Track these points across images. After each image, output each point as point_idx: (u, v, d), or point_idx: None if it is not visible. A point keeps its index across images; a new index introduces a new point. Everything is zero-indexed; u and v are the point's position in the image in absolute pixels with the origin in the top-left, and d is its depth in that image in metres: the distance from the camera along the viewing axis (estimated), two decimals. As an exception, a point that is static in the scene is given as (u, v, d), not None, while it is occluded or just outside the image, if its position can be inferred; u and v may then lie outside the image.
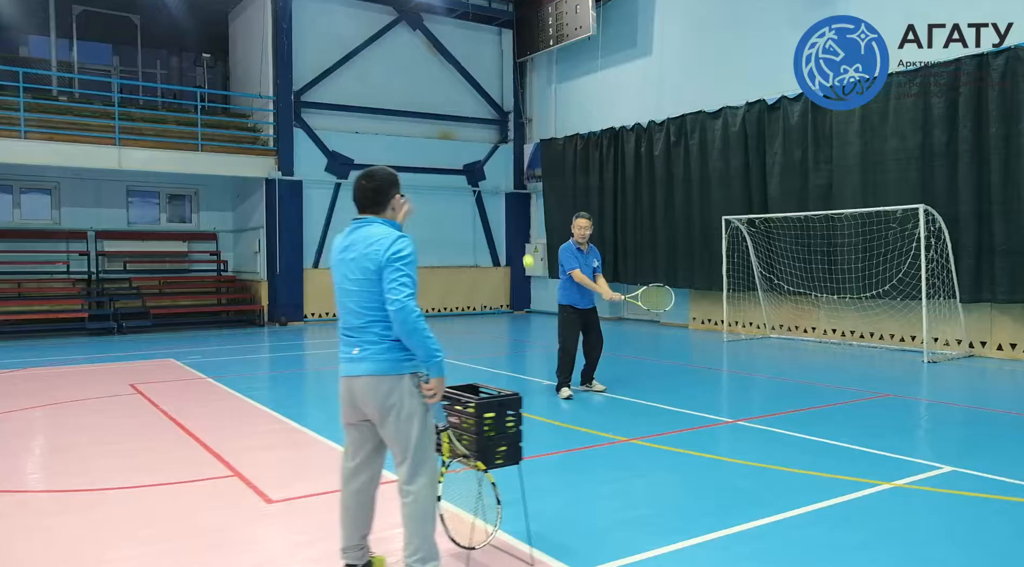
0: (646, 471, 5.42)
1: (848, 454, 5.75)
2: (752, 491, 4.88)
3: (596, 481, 5.17)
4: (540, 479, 5.19)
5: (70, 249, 16.28)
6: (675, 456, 5.77)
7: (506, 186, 19.45)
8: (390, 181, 3.51)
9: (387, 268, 3.27)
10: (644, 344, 13.19)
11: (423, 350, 3.23)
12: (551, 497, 4.76)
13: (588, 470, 5.47)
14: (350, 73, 17.37)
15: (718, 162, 13.69)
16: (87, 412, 7.36)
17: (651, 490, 4.97)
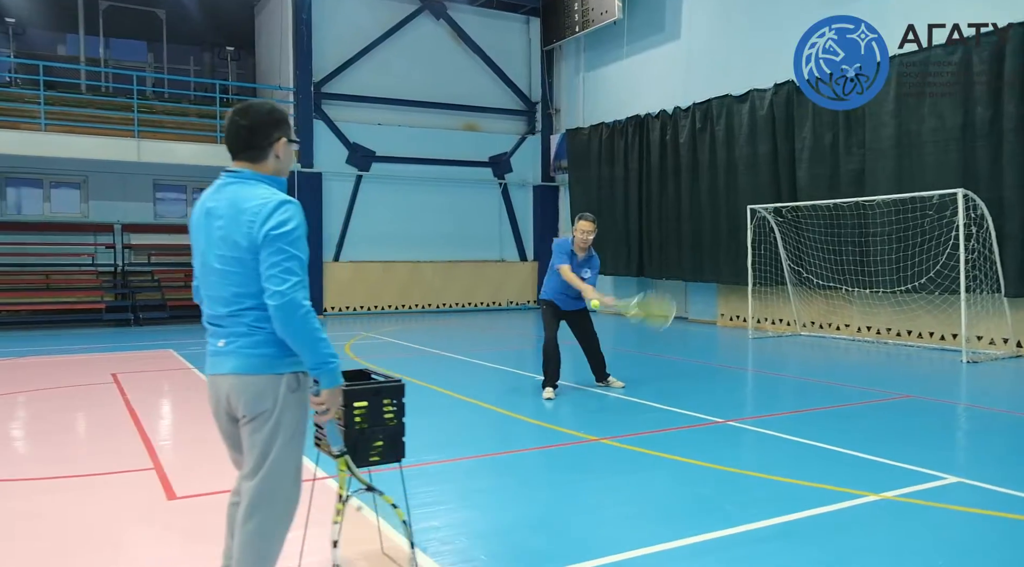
0: (601, 475, 4.86)
1: (842, 460, 5.07)
2: (714, 500, 4.28)
3: (536, 486, 4.64)
4: (477, 481, 4.69)
5: (97, 242, 16.44)
6: (644, 458, 5.19)
7: (533, 178, 18.93)
8: (272, 119, 2.67)
9: (266, 248, 2.49)
10: (665, 341, 12.51)
11: (312, 355, 2.52)
12: (475, 501, 4.26)
13: (534, 472, 4.94)
14: (372, 64, 17.10)
15: (745, 148, 12.91)
16: (49, 400, 7.15)
17: (593, 497, 4.40)
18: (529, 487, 4.58)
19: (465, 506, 4.17)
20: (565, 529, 3.85)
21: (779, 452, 5.37)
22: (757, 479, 4.66)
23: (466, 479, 4.73)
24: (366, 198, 17.01)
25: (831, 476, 4.67)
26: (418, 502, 4.23)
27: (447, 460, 5.15)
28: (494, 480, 4.73)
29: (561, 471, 4.98)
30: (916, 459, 5.02)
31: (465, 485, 4.59)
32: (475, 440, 5.79)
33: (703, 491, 4.46)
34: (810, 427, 6.08)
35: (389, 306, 17.25)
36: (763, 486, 4.53)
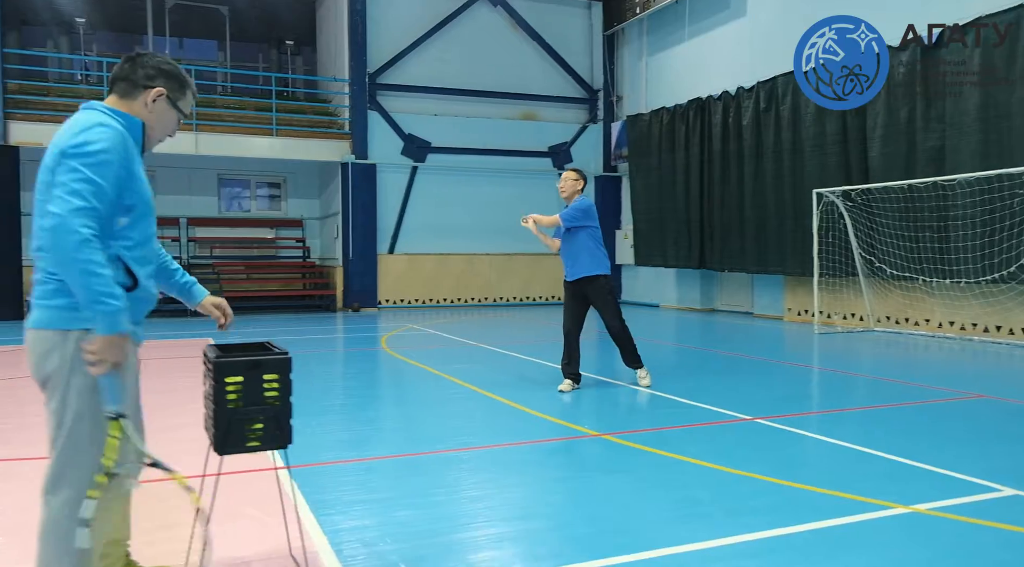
0: (585, 473, 4.29)
1: (876, 465, 4.33)
2: (703, 505, 3.66)
3: (508, 484, 4.11)
4: (444, 476, 4.21)
5: (163, 235, 16.84)
6: (641, 457, 4.58)
7: (595, 168, 18.27)
8: (163, 71, 2.48)
9: (59, 167, 2.20)
10: (719, 336, 11.70)
11: (83, 292, 2.16)
12: (431, 499, 3.77)
13: (512, 468, 4.41)
14: (428, 54, 16.86)
15: (812, 128, 11.92)
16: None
17: (562, 498, 3.84)
18: (499, 485, 4.06)
19: (417, 504, 3.69)
20: (507, 535, 3.32)
21: (803, 454, 4.66)
22: (765, 483, 3.99)
23: (436, 474, 4.26)
24: (421, 190, 16.78)
25: (855, 483, 3.94)
26: (366, 498, 3.79)
27: (426, 452, 4.70)
28: (464, 475, 4.23)
29: (539, 467, 4.44)
30: (970, 467, 4.22)
31: (431, 480, 4.11)
32: (468, 432, 5.31)
33: (695, 494, 3.83)
34: (851, 427, 5.31)
35: (444, 299, 16.97)
36: (767, 492, 3.86)
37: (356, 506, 3.64)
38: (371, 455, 4.70)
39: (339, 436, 5.19)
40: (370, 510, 3.58)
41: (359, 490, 3.93)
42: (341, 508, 3.62)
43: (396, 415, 6.18)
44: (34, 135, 13.86)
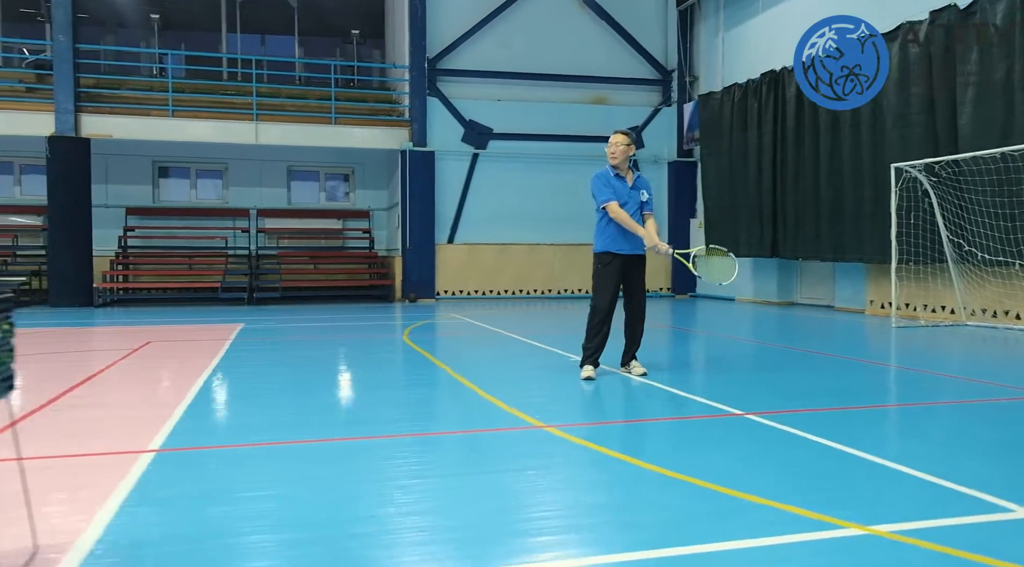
0: (497, 467, 3.59)
1: (864, 472, 3.41)
2: (613, 514, 2.90)
3: (388, 476, 3.47)
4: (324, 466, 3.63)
5: (236, 226, 17.19)
6: (588, 455, 3.84)
7: (668, 154, 17.21)
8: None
9: None
10: (778, 330, 10.56)
11: None
12: (283, 489, 3.20)
13: (409, 461, 3.77)
14: (490, 37, 16.35)
15: (893, 95, 10.55)
16: (54, 359, 7.02)
17: (445, 495, 3.17)
18: (378, 479, 3.44)
19: (238, 500, 3.13)
20: (270, 545, 2.69)
21: (780, 456, 3.76)
22: (713, 493, 3.17)
23: (325, 463, 3.69)
24: (482, 177, 16.29)
25: (829, 496, 3.06)
26: (190, 491, 3.26)
27: (319, 440, 4.14)
28: (319, 468, 3.63)
29: (449, 462, 3.77)
30: (989, 482, 3.23)
31: (285, 471, 3.54)
32: (397, 420, 4.71)
33: (607, 499, 3.07)
34: (859, 428, 4.34)
35: (505, 291, 16.42)
36: (711, 504, 3.05)
37: (176, 501, 3.09)
38: (256, 441, 4.16)
39: (246, 421, 4.69)
40: (184, 506, 3.02)
41: (197, 481, 3.39)
42: (156, 503, 3.10)
43: (322, 401, 5.63)
44: (105, 127, 14.36)
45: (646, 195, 6.09)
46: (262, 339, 8.99)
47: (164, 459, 3.65)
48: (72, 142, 14.02)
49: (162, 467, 3.53)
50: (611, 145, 6.04)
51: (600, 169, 6.14)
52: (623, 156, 5.98)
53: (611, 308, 6.01)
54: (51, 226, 14.07)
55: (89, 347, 8.05)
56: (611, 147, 6.04)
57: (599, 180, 5.99)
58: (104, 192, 16.33)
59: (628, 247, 5.97)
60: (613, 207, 5.90)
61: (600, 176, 6.02)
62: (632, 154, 6.08)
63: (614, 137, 6.07)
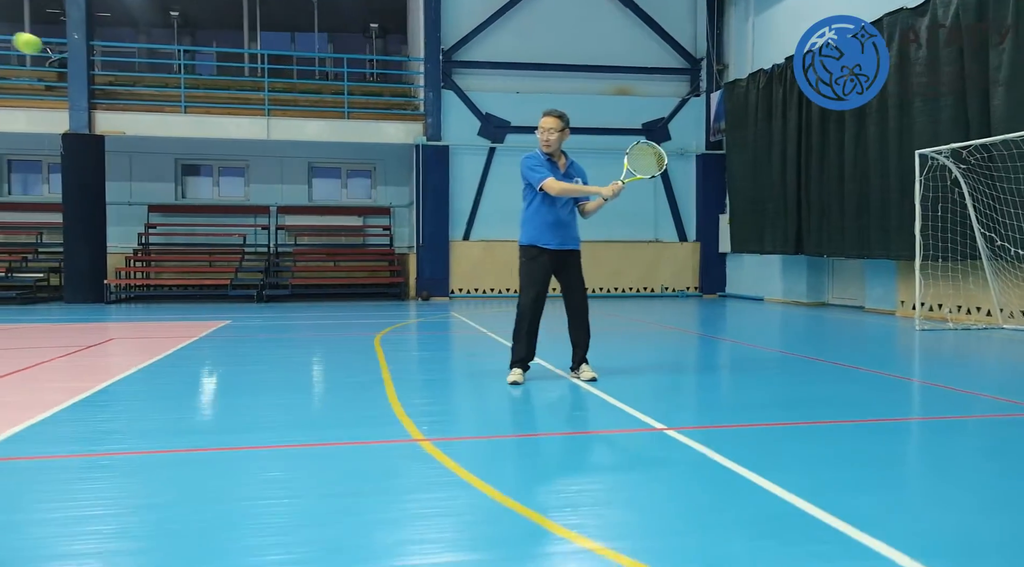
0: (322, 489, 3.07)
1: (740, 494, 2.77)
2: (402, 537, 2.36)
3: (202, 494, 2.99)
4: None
5: (255, 223, 17.13)
6: (433, 474, 3.29)
7: (696, 146, 16.37)
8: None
9: None
10: (798, 332, 9.74)
11: None
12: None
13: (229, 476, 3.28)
14: (509, 27, 15.82)
15: (922, 76, 9.59)
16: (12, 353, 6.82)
17: (223, 514, 2.67)
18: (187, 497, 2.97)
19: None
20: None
21: (648, 486, 3.14)
22: (532, 527, 2.60)
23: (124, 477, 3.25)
24: (500, 172, 15.77)
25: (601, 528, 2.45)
26: None
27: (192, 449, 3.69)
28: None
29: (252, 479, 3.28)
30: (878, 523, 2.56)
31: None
32: (266, 428, 4.24)
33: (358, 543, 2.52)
34: (786, 447, 3.66)
35: (523, 289, 15.83)
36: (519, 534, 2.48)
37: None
38: (92, 451, 3.74)
39: (108, 426, 4.29)
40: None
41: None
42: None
43: (217, 405, 5.20)
44: (118, 124, 14.42)
45: (579, 182, 5.48)
46: (232, 337, 8.69)
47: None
48: (86, 139, 14.12)
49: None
50: (543, 130, 5.34)
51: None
52: (558, 144, 5.36)
53: (536, 307, 5.45)
54: (66, 223, 14.20)
55: (41, 344, 7.87)
56: (543, 133, 5.34)
57: (532, 160, 5.37)
58: (128, 190, 16.47)
59: (556, 242, 5.39)
60: (550, 183, 5.29)
61: (532, 157, 5.40)
62: (566, 139, 5.44)
63: (545, 120, 5.37)
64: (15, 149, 16.03)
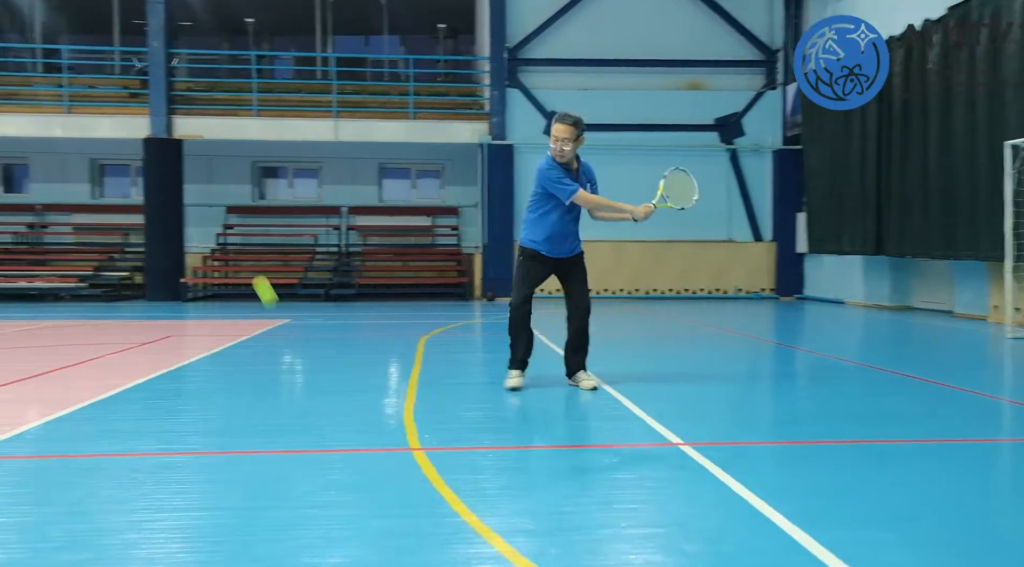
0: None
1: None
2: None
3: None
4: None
5: (326, 223, 17.46)
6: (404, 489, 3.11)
7: (772, 142, 15.64)
8: None
9: None
10: (871, 338, 9.10)
11: None
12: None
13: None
14: (575, 23, 15.52)
15: (1016, 59, 8.77)
16: (48, 351, 7.08)
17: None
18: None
19: None
20: None
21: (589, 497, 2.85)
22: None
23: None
24: (565, 171, 15.48)
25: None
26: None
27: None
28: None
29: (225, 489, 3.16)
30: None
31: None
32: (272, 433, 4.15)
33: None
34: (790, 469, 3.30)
35: (589, 290, 15.49)
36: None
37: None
38: (89, 452, 3.73)
39: (115, 426, 4.29)
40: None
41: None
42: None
43: (228, 407, 5.12)
44: (196, 128, 14.94)
45: (590, 189, 5.24)
46: (282, 337, 8.78)
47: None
48: (165, 143, 14.68)
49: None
50: (556, 139, 4.97)
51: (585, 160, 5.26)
52: (573, 153, 5.06)
53: (525, 306, 5.21)
54: (148, 224, 14.80)
55: (102, 340, 8.14)
56: (557, 142, 4.97)
57: (553, 172, 5.05)
58: (207, 192, 17.05)
59: (559, 251, 5.16)
60: (583, 195, 5.06)
61: (551, 168, 5.06)
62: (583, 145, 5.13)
63: (557, 127, 4.98)
64: (106, 154, 16.85)
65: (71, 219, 16.97)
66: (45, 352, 7.20)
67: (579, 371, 5.29)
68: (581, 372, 5.29)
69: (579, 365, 5.30)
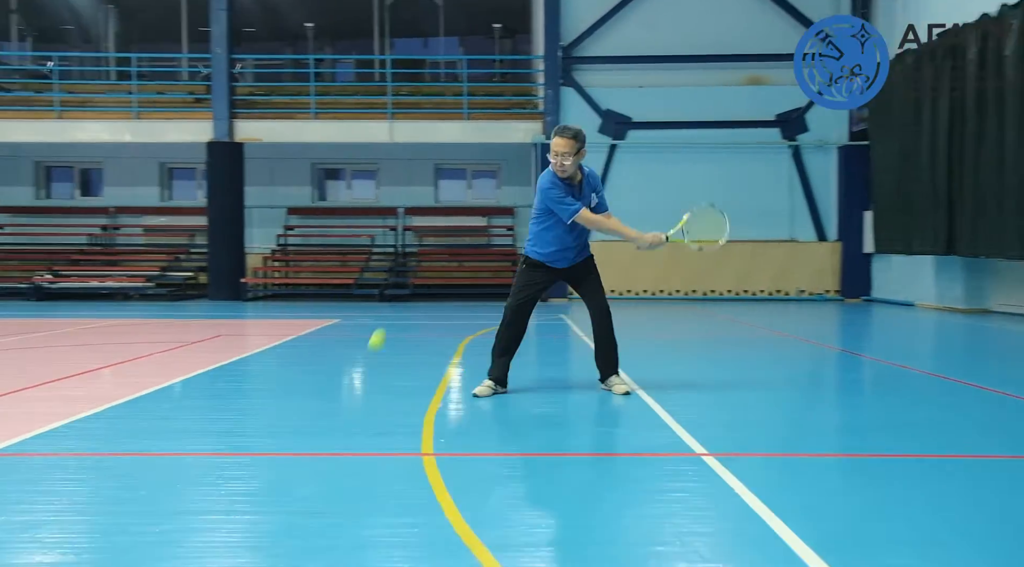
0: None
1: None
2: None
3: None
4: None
5: (383, 224, 17.65)
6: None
7: (837, 137, 15.04)
8: None
9: None
10: (938, 342, 8.60)
11: None
12: None
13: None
14: (630, 19, 15.25)
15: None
16: (102, 344, 7.30)
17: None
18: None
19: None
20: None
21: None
22: None
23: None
24: (620, 170, 15.26)
25: None
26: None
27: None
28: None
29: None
30: None
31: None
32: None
33: None
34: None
35: (644, 291, 15.24)
36: None
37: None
38: (114, 450, 3.76)
39: (138, 426, 4.33)
40: None
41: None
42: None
43: (253, 406, 5.10)
44: (256, 131, 15.29)
45: (595, 199, 5.00)
46: (326, 337, 8.85)
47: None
48: (227, 147, 15.07)
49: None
50: (555, 153, 4.73)
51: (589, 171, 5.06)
52: (574, 167, 4.82)
53: (520, 313, 5.00)
54: (210, 225, 15.22)
55: (155, 339, 8.36)
56: (556, 157, 4.73)
57: (554, 190, 4.81)
58: (269, 193, 17.44)
59: (564, 262, 5.02)
60: (585, 215, 4.83)
61: (552, 186, 4.83)
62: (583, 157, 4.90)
63: (556, 141, 4.73)
64: (174, 158, 17.42)
65: (141, 221, 17.62)
66: (91, 350, 7.41)
67: (612, 375, 5.11)
68: (614, 376, 5.11)
69: (610, 369, 5.12)
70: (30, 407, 4.67)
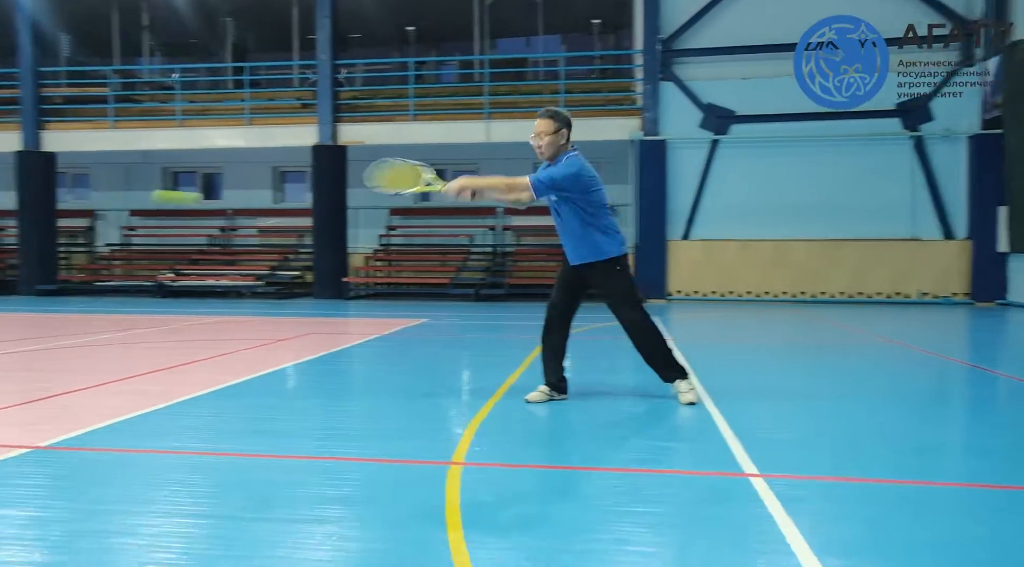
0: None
1: None
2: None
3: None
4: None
5: (482, 224, 17.74)
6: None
7: (968, 127, 13.78)
8: None
9: None
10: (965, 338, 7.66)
11: None
12: None
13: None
14: (734, 7, 14.59)
15: None
16: (181, 343, 7.61)
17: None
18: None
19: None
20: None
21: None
22: None
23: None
24: (722, 166, 14.63)
25: None
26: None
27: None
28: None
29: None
30: None
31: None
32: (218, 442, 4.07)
33: None
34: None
35: (748, 293, 14.53)
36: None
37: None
38: (159, 448, 3.83)
39: (189, 423, 4.41)
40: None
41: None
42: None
43: (299, 407, 5.08)
44: (359, 134, 15.70)
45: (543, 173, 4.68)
46: (408, 337, 8.89)
47: (30, 458, 3.52)
48: (330, 150, 15.56)
49: (22, 467, 3.40)
50: (534, 135, 4.63)
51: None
52: (551, 149, 4.58)
53: (552, 312, 4.81)
54: (315, 226, 15.77)
55: (248, 336, 8.66)
56: (535, 138, 4.61)
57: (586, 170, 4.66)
58: (373, 195, 17.85)
59: (569, 256, 4.76)
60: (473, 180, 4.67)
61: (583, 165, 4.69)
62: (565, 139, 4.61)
63: (539, 122, 4.61)
64: (285, 161, 18.20)
65: (256, 222, 18.51)
66: (184, 346, 7.75)
67: (677, 380, 4.79)
68: (682, 382, 4.78)
69: (666, 378, 4.81)
70: (85, 403, 4.89)
